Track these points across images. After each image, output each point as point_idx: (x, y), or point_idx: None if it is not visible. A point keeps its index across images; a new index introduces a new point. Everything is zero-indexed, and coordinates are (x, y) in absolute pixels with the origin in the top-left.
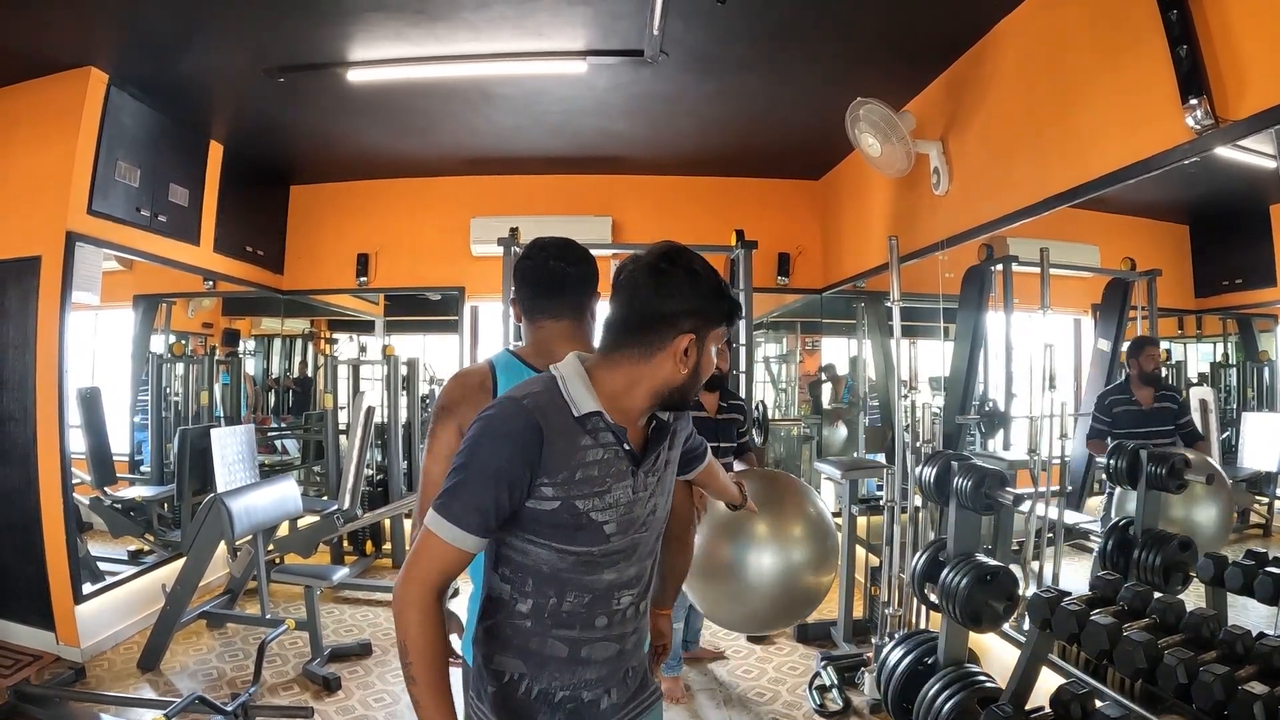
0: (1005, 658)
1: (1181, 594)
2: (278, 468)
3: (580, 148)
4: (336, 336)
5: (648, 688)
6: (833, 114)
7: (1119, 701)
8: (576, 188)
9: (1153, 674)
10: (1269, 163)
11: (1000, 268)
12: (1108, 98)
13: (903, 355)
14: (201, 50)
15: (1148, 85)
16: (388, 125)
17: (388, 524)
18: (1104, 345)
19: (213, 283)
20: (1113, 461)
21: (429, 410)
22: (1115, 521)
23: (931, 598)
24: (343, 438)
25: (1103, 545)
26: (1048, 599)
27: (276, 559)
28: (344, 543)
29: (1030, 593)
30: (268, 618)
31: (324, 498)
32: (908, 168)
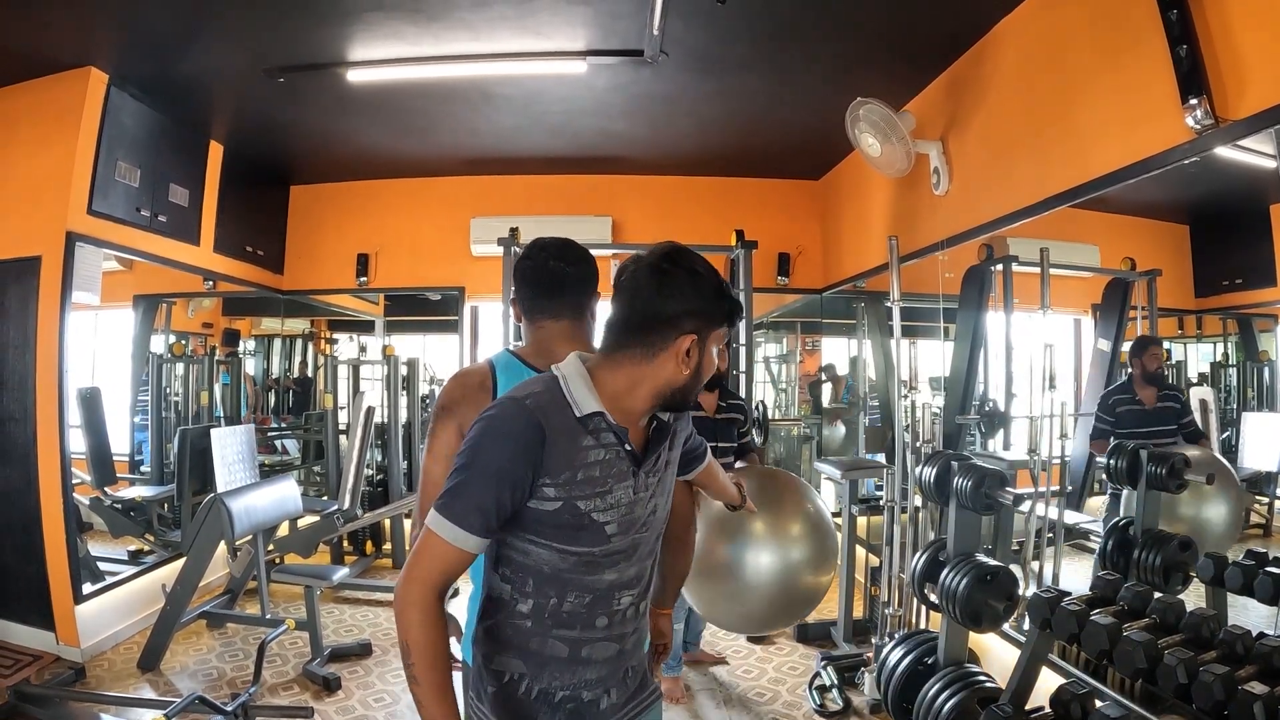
0: (1005, 658)
1: (1181, 594)
2: (278, 468)
3: (580, 148)
4: (336, 336)
5: (647, 687)
6: (833, 114)
7: (1119, 701)
8: (576, 188)
9: (1153, 674)
10: (1269, 162)
11: (1000, 268)
12: (1107, 97)
13: (903, 355)
14: (201, 50)
15: (1147, 85)
16: (387, 125)
17: (388, 524)
18: (1104, 345)
19: (213, 283)
20: (1113, 461)
21: (429, 410)
22: (1115, 521)
23: (931, 598)
24: (343, 438)
25: (1103, 545)
26: (1048, 599)
27: (276, 559)
28: (344, 543)
29: (1030, 593)
30: (268, 618)
31: (324, 498)
32: (908, 168)
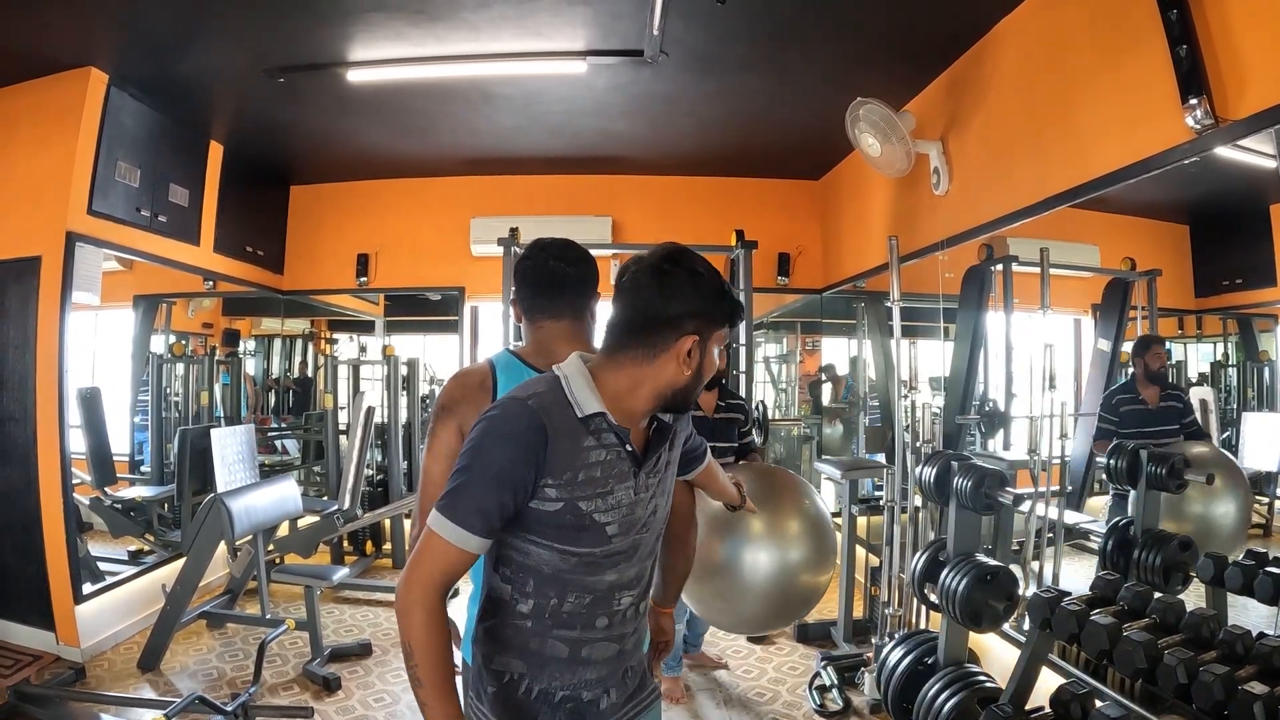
0: (1005, 658)
1: (1181, 594)
2: (278, 468)
3: (580, 148)
4: (336, 336)
5: (646, 687)
6: (833, 114)
7: (1119, 701)
8: (576, 188)
9: (1153, 674)
10: (1269, 162)
11: (1000, 268)
12: (1107, 97)
13: (903, 355)
14: (201, 50)
15: (1147, 85)
16: (387, 125)
17: (388, 524)
18: (1104, 345)
19: (213, 283)
20: (1113, 461)
21: (429, 410)
22: (1115, 521)
23: (931, 598)
24: (343, 438)
25: (1103, 545)
26: (1048, 599)
27: (276, 559)
28: (344, 543)
29: (1030, 593)
30: (268, 618)
31: (324, 498)
32: (908, 168)
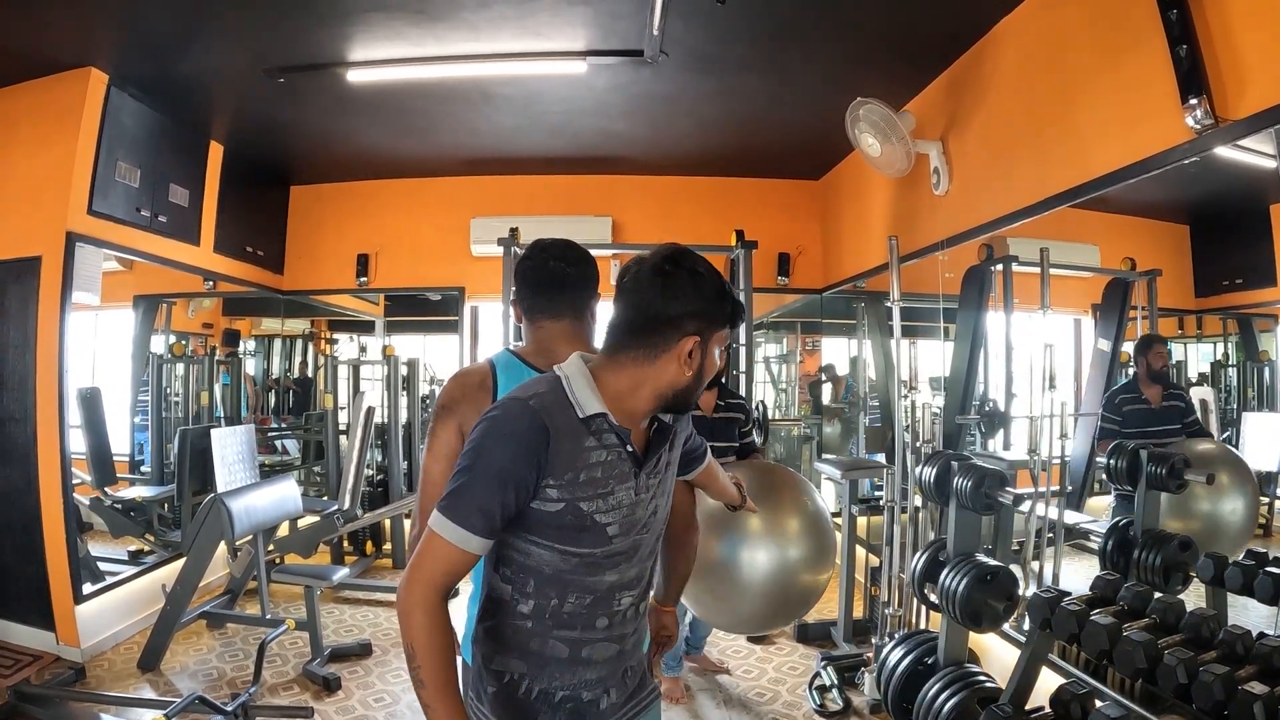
0: (1005, 658)
1: (1181, 594)
2: (278, 468)
3: (580, 148)
4: (337, 337)
5: (646, 687)
6: (833, 114)
7: (1119, 701)
8: (576, 188)
9: (1153, 674)
10: (1269, 162)
11: (1000, 268)
12: (1107, 97)
13: (903, 355)
14: (201, 50)
15: (1147, 85)
16: (387, 125)
17: (388, 524)
18: (1104, 345)
19: (213, 283)
20: (1113, 461)
21: (429, 410)
22: (1115, 521)
23: (931, 598)
24: (343, 438)
25: (1103, 545)
26: (1048, 599)
27: (276, 559)
28: (344, 543)
29: (1030, 593)
30: (268, 618)
31: (324, 498)
32: (908, 168)
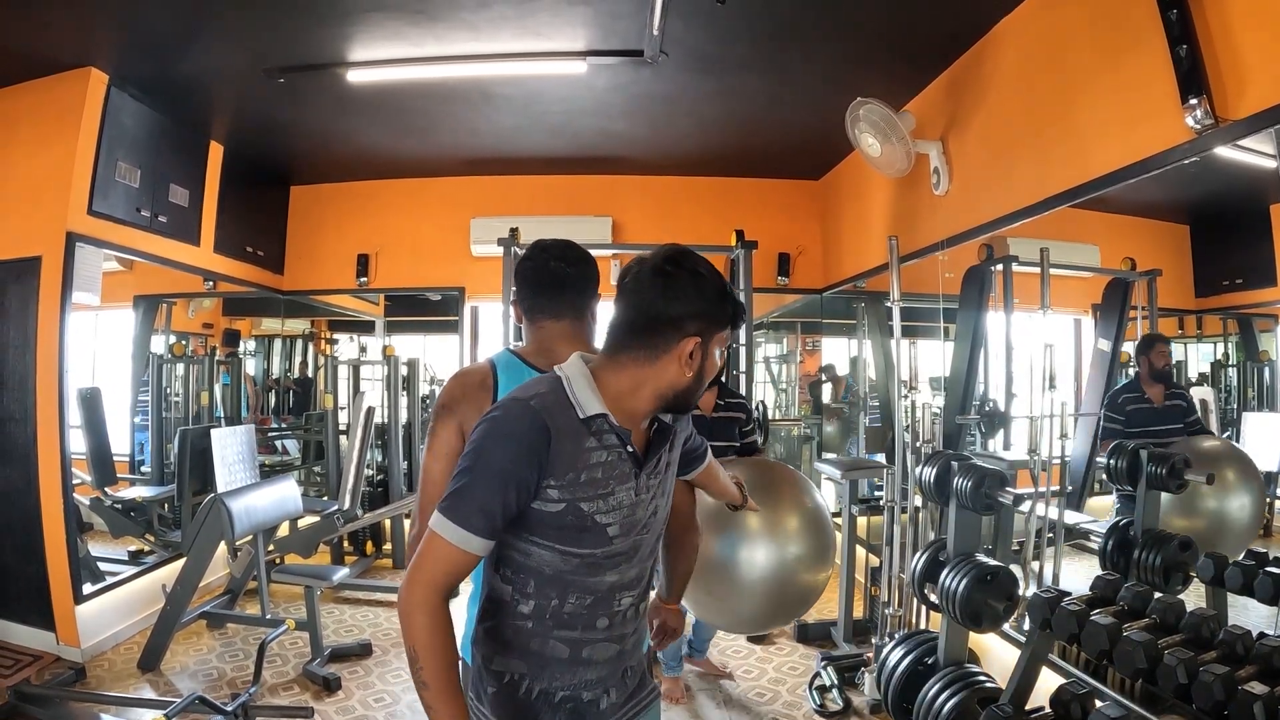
0: (1005, 658)
1: (1181, 594)
2: (278, 468)
3: (580, 148)
4: (337, 337)
5: (646, 687)
6: (833, 114)
7: (1119, 701)
8: (576, 188)
9: (1153, 674)
10: (1269, 162)
11: (1000, 268)
12: (1107, 97)
13: (903, 355)
14: (201, 50)
15: (1147, 85)
16: (387, 125)
17: (388, 524)
18: (1104, 345)
19: (213, 283)
20: (1113, 461)
21: (429, 410)
22: (1115, 521)
23: (931, 598)
24: (343, 438)
25: (1103, 545)
26: (1048, 599)
27: (277, 559)
28: (344, 543)
29: (1030, 593)
30: (268, 618)
31: (324, 498)
32: (908, 168)
